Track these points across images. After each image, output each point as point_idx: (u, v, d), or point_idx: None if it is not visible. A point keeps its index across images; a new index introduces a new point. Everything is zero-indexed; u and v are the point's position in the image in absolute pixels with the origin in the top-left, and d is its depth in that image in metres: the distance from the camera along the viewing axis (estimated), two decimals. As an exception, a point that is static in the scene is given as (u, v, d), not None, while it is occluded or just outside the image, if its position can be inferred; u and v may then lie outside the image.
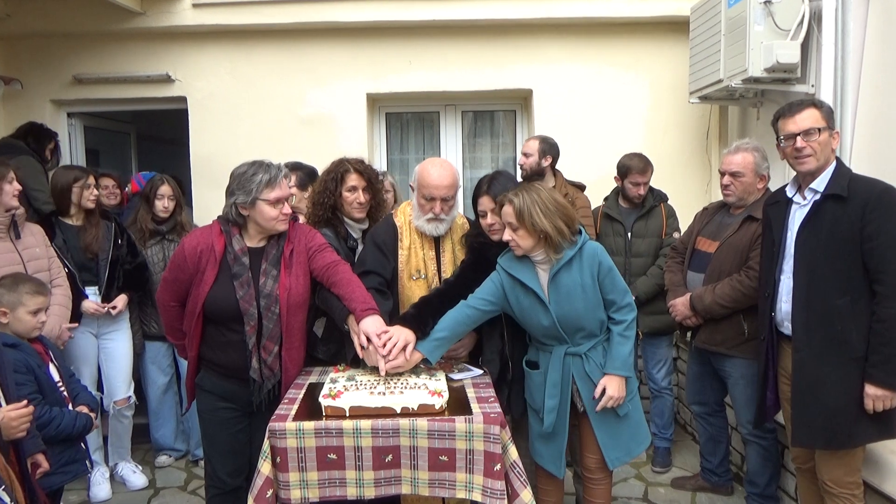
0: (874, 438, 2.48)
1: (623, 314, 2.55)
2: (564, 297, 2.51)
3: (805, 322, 2.47)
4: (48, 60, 4.70)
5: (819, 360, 2.43)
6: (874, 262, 2.33)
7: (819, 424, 2.44)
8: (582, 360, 2.58)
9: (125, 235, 3.74)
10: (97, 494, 3.64)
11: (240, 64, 4.75)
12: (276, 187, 2.47)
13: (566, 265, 2.50)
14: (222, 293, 2.48)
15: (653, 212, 3.85)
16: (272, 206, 2.47)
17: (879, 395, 2.33)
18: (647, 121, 4.78)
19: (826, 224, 2.42)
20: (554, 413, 2.60)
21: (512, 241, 2.51)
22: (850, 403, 2.38)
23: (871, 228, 2.32)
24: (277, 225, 2.52)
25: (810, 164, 2.47)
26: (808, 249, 2.46)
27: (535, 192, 2.48)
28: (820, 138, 2.44)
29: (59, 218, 3.58)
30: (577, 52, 4.76)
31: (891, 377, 2.31)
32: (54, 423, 2.41)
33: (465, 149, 5.20)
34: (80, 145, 5.04)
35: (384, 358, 2.40)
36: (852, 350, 2.38)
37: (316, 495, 2.21)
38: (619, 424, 2.62)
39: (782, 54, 3.44)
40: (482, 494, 2.18)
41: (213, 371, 2.59)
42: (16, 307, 2.55)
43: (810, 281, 2.45)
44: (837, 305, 2.39)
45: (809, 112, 2.46)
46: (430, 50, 4.76)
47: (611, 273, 2.52)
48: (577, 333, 2.57)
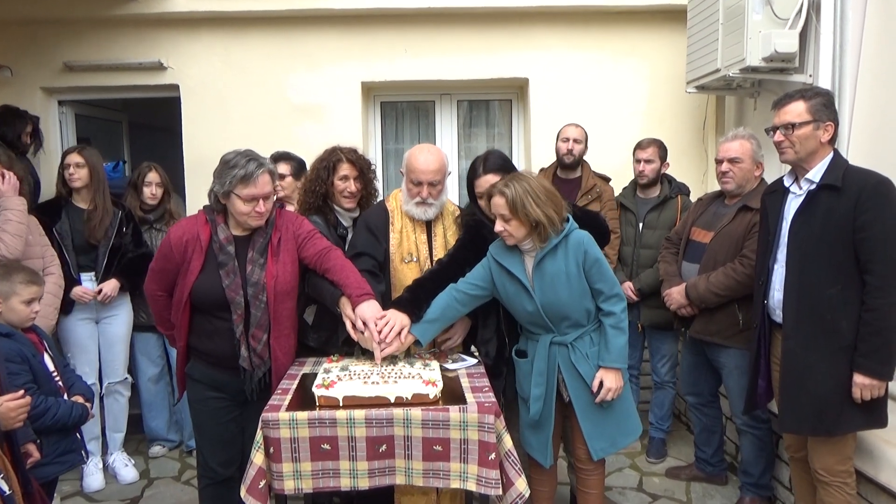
0: (861, 427, 2.50)
1: (611, 305, 2.53)
2: (549, 285, 2.51)
3: (796, 310, 2.49)
4: (38, 47, 4.64)
5: (808, 349, 2.45)
6: (866, 252, 2.35)
7: (806, 411, 2.47)
8: (568, 349, 2.57)
9: (132, 224, 3.72)
10: (90, 485, 3.63)
11: (233, 51, 4.69)
12: (251, 184, 2.43)
13: (551, 252, 2.50)
14: (209, 282, 2.48)
15: (667, 203, 3.82)
16: (244, 203, 2.45)
17: (867, 385, 2.35)
18: (643, 111, 4.76)
19: (820, 214, 2.44)
20: (540, 402, 2.60)
21: (504, 232, 2.50)
22: (838, 391, 2.41)
23: (864, 219, 2.34)
24: (249, 220, 2.50)
25: (788, 155, 2.53)
26: (802, 239, 2.48)
27: (526, 181, 2.47)
28: (798, 132, 2.47)
29: (69, 200, 3.56)
30: (574, 41, 4.73)
31: (879, 366, 2.34)
32: (49, 413, 2.39)
33: (461, 139, 5.17)
34: (72, 134, 4.98)
35: (380, 344, 2.45)
36: (841, 339, 2.40)
37: (309, 486, 2.20)
38: (605, 415, 2.61)
39: (780, 44, 3.42)
40: (477, 484, 2.18)
41: (203, 360, 2.58)
42: (9, 297, 2.52)
43: (802, 270, 2.47)
44: (828, 295, 2.41)
45: (794, 106, 2.50)
46: (426, 38, 4.71)
47: (597, 263, 2.50)
48: (562, 322, 2.56)
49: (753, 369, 2.77)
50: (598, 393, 2.54)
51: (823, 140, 2.48)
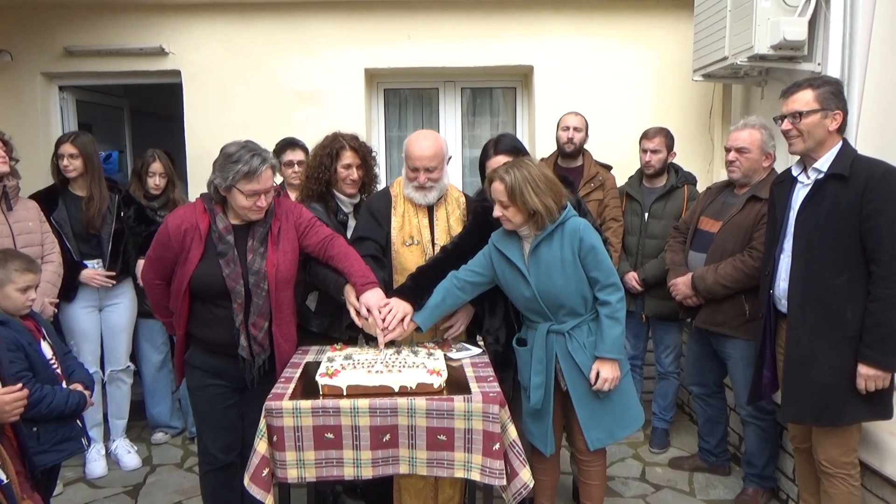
0: (865, 418, 2.49)
1: (607, 294, 2.49)
2: (544, 272, 2.50)
3: (801, 300, 2.48)
4: (39, 31, 4.59)
5: (813, 338, 2.45)
6: (872, 242, 2.34)
7: (809, 400, 2.46)
8: (565, 338, 2.56)
9: (133, 207, 3.70)
10: (93, 471, 3.64)
11: (235, 37, 4.65)
12: (255, 180, 2.42)
13: (546, 239, 2.49)
14: (208, 271, 2.47)
15: (673, 193, 3.79)
16: (246, 197, 2.44)
17: (871, 375, 2.35)
18: (649, 99, 4.72)
19: (827, 203, 2.42)
20: (540, 390, 2.60)
21: (502, 217, 2.50)
22: (842, 380, 2.40)
23: (871, 208, 2.33)
24: (250, 214, 2.50)
25: (797, 145, 2.51)
26: (808, 228, 2.47)
27: (527, 168, 2.45)
28: (806, 121, 2.45)
29: (66, 189, 3.54)
30: (579, 29, 4.68)
31: (884, 357, 2.33)
32: (45, 401, 2.38)
33: (465, 127, 5.14)
34: (73, 120, 4.95)
35: (383, 330, 2.50)
36: (846, 329, 2.39)
37: (313, 475, 2.20)
38: (602, 406, 2.59)
39: (789, 31, 3.37)
40: (481, 474, 2.17)
41: (202, 347, 2.59)
42: (4, 284, 2.50)
43: (808, 259, 2.46)
44: (834, 284, 2.40)
45: (802, 94, 2.48)
46: (430, 24, 4.67)
47: (593, 250, 2.47)
48: (559, 310, 2.55)
49: (758, 359, 2.75)
50: (595, 383, 2.52)
51: (831, 129, 2.45)
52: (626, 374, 2.61)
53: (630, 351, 3.98)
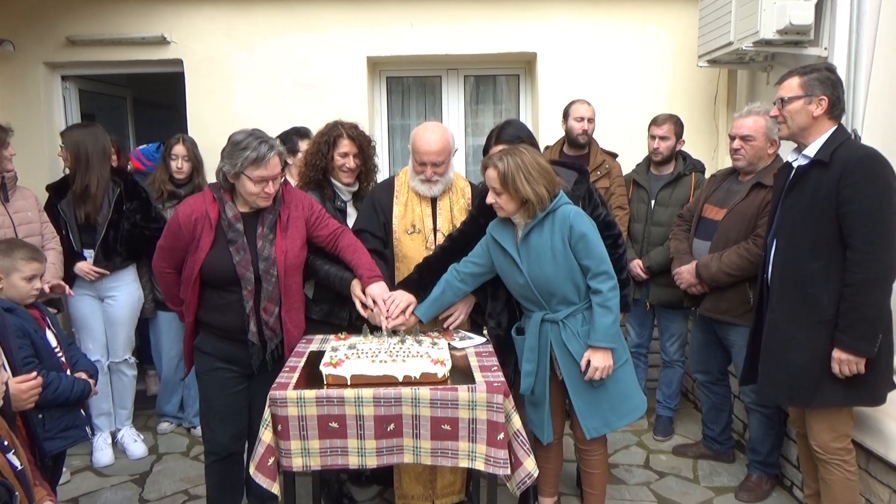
0: (843, 402, 2.49)
1: (599, 282, 2.47)
2: (535, 260, 2.50)
3: (780, 284, 2.53)
4: (40, 21, 4.57)
5: (790, 322, 2.49)
6: (847, 227, 2.36)
7: (783, 381, 2.51)
8: (559, 326, 2.55)
9: (137, 201, 3.62)
10: (100, 460, 3.66)
11: (237, 26, 4.62)
12: (263, 167, 2.46)
13: (537, 226, 2.49)
14: (219, 259, 2.52)
15: (681, 181, 3.76)
16: (254, 184, 2.48)
17: (845, 359, 2.37)
18: (653, 85, 4.67)
19: (809, 189, 2.45)
20: (531, 378, 2.61)
21: (495, 204, 2.51)
22: (815, 363, 2.44)
23: (847, 193, 2.34)
24: (258, 201, 2.53)
25: (782, 130, 2.57)
26: (791, 214, 2.51)
27: (520, 156, 2.45)
28: (789, 107, 2.48)
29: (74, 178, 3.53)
30: (583, 15, 4.63)
31: (856, 342, 2.35)
32: (51, 386, 2.40)
33: (468, 115, 5.10)
34: (76, 110, 4.93)
35: (387, 319, 2.58)
36: (822, 313, 2.42)
37: (317, 463, 2.21)
38: (598, 395, 2.59)
39: (796, 15, 3.32)
40: (485, 464, 2.18)
41: (212, 333, 2.63)
42: (10, 273, 2.52)
43: (788, 244, 2.51)
44: (811, 269, 2.43)
45: (789, 81, 2.50)
46: (432, 11, 4.63)
47: (584, 238, 2.46)
48: (551, 298, 2.54)
49: (752, 343, 2.76)
50: (587, 372, 2.52)
51: (816, 114, 2.45)
52: (625, 363, 2.60)
53: (635, 339, 3.98)
